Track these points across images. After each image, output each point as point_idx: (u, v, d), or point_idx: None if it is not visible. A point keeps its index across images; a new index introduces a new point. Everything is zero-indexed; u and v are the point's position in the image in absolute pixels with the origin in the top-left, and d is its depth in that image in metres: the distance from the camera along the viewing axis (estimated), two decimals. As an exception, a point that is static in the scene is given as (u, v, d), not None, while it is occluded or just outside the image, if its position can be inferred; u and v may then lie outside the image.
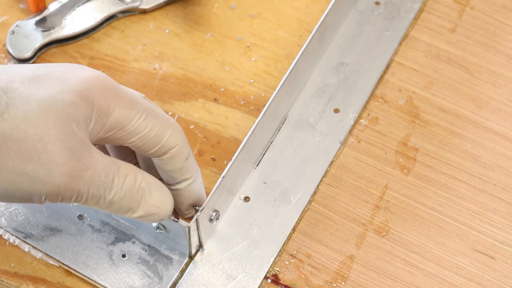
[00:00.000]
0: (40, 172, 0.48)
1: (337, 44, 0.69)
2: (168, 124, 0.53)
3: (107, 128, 0.50)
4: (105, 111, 0.50)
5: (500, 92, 0.68)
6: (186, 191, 0.55)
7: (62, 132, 0.48)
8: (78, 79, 0.49)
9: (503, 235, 0.61)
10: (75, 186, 0.49)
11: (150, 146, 0.52)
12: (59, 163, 0.48)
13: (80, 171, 0.48)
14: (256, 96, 0.67)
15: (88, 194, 0.49)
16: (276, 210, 0.61)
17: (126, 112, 0.50)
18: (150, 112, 0.52)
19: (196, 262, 0.59)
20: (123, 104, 0.50)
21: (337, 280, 0.59)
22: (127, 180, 0.51)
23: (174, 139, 0.53)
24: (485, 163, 0.64)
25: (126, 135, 0.51)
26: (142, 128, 0.51)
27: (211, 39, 0.70)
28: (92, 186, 0.49)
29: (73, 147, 0.48)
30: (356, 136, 0.65)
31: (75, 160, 0.48)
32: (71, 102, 0.48)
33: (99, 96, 0.49)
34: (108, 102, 0.50)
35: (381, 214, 0.62)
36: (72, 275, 0.59)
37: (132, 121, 0.51)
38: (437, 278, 0.59)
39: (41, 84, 0.48)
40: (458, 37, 0.71)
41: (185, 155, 0.54)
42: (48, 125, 0.47)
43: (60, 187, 0.48)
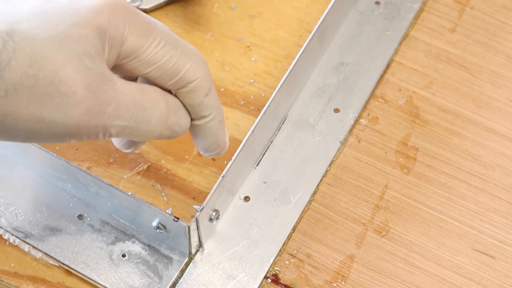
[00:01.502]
0: (57, 116, 0.45)
1: (337, 44, 0.69)
2: (188, 55, 0.50)
3: (122, 56, 0.48)
4: (118, 39, 0.47)
5: (500, 92, 0.68)
6: (204, 128, 0.52)
7: (74, 70, 0.45)
8: (87, 9, 0.46)
9: (503, 234, 0.61)
10: (98, 122, 0.46)
11: (168, 77, 0.49)
12: (74, 103, 0.45)
13: (101, 106, 0.46)
14: (256, 96, 0.67)
15: (117, 128, 0.47)
16: (276, 210, 0.61)
17: (140, 40, 0.48)
18: (169, 41, 0.49)
19: (196, 262, 0.59)
20: (137, 31, 0.48)
21: (337, 280, 0.59)
22: (158, 107, 0.49)
23: (194, 72, 0.50)
24: (485, 163, 0.64)
25: (142, 64, 0.48)
26: (159, 57, 0.48)
27: (211, 39, 0.70)
28: (118, 119, 0.47)
29: (89, 84, 0.46)
30: (356, 136, 0.65)
31: (93, 96, 0.46)
32: (80, 36, 0.46)
33: (110, 24, 0.46)
34: (120, 29, 0.47)
35: (381, 213, 0.62)
36: (72, 275, 0.59)
37: (147, 50, 0.48)
38: (437, 278, 0.59)
39: (48, 20, 0.45)
40: (458, 37, 0.71)
41: (205, 90, 0.51)
42: (57, 66, 0.45)
43: (81, 127, 0.46)
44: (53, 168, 0.60)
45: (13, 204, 0.61)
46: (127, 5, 0.48)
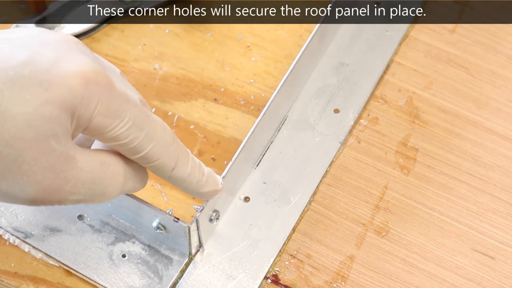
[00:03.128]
0: (14, 190, 0.46)
1: (337, 44, 0.69)
2: (153, 136, 0.50)
3: (87, 131, 0.48)
4: (85, 119, 0.47)
5: (500, 92, 0.68)
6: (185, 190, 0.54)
7: (39, 152, 0.46)
8: (63, 85, 0.46)
9: (503, 235, 0.61)
10: (54, 198, 0.48)
11: (130, 154, 0.50)
12: (34, 182, 0.46)
13: (59, 186, 0.47)
14: (256, 96, 0.67)
15: (73, 201, 0.49)
16: (276, 210, 0.61)
17: (107, 121, 0.48)
18: (137, 122, 0.49)
19: (196, 262, 0.59)
20: (106, 112, 0.48)
21: (337, 280, 0.59)
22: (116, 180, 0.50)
23: (155, 153, 0.50)
24: (485, 163, 0.64)
25: (106, 139, 0.49)
26: (122, 137, 0.49)
27: (211, 39, 0.70)
28: (74, 194, 0.48)
29: (50, 166, 0.46)
30: (356, 136, 0.65)
31: (53, 177, 0.47)
32: (51, 116, 0.45)
33: (82, 103, 0.46)
34: (90, 110, 0.47)
35: (381, 214, 0.62)
36: (72, 275, 0.59)
37: (112, 130, 0.48)
38: (437, 278, 0.59)
39: (22, 92, 0.45)
40: (458, 37, 0.71)
41: (170, 166, 0.52)
42: (23, 146, 0.45)
43: (36, 201, 0.47)
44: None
45: (13, 204, 0.61)
46: (104, 81, 0.47)
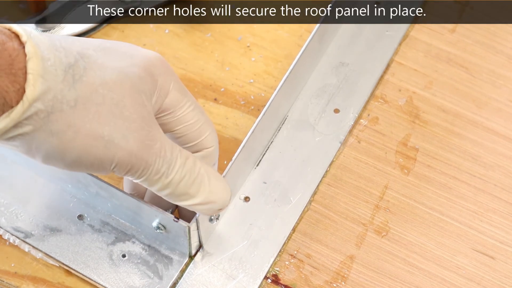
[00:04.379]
0: (116, 137, 0.48)
1: (337, 44, 0.69)
2: (210, 123, 0.54)
3: (162, 108, 0.52)
4: (165, 90, 0.51)
5: (500, 92, 0.68)
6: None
7: (136, 101, 0.49)
8: (143, 56, 0.50)
9: (503, 235, 0.61)
10: (145, 155, 0.49)
11: (191, 138, 0.53)
12: (133, 129, 0.48)
13: (152, 141, 0.49)
14: (256, 96, 0.67)
15: (154, 167, 0.50)
16: (276, 210, 0.61)
17: (180, 96, 0.52)
18: (198, 106, 0.53)
19: (196, 262, 0.59)
20: (178, 88, 0.52)
21: (337, 280, 0.59)
22: (188, 162, 0.51)
23: (212, 139, 0.54)
24: (485, 163, 0.64)
25: (175, 120, 0.52)
26: (189, 117, 0.53)
27: (211, 39, 0.70)
28: (159, 159, 0.50)
29: (145, 117, 0.49)
30: (356, 136, 0.65)
31: (147, 129, 0.49)
32: (140, 75, 0.49)
33: (161, 75, 0.50)
34: (167, 82, 0.51)
35: (381, 214, 0.62)
36: (72, 275, 0.59)
37: (182, 108, 0.52)
38: (437, 278, 0.59)
39: (111, 55, 0.49)
40: (458, 37, 0.71)
41: (215, 159, 0.56)
42: (124, 92, 0.48)
43: (132, 154, 0.48)
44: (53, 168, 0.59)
45: (13, 204, 0.61)
46: (169, 64, 0.52)
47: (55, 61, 0.46)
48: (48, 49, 0.46)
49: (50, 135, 0.47)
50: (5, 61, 0.45)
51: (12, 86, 0.45)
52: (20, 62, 0.45)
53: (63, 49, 0.47)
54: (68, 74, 0.47)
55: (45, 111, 0.46)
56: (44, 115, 0.46)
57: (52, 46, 0.47)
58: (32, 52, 0.46)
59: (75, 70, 0.47)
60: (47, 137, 0.47)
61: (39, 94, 0.45)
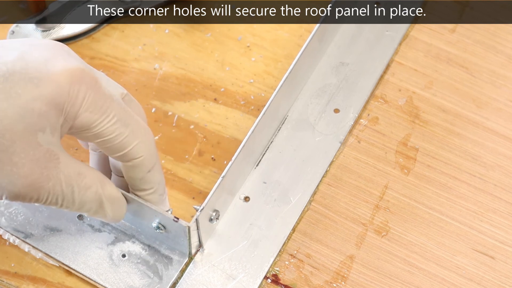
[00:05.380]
0: (2, 181, 0.48)
1: (337, 44, 0.69)
2: (137, 133, 0.53)
3: (74, 128, 0.51)
4: (72, 115, 0.50)
5: (500, 92, 0.68)
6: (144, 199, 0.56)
7: (28, 145, 0.48)
8: (50, 82, 0.48)
9: (503, 235, 0.61)
10: (34, 194, 0.50)
11: (114, 151, 0.53)
12: (22, 175, 0.48)
13: (42, 183, 0.49)
14: (256, 96, 0.67)
15: (47, 200, 0.50)
16: (276, 210, 0.61)
17: (93, 116, 0.50)
18: (122, 118, 0.52)
19: (196, 262, 0.59)
20: (92, 107, 0.50)
21: (337, 280, 0.59)
22: (88, 192, 0.52)
23: (139, 150, 0.53)
24: (485, 163, 0.64)
25: (92, 135, 0.51)
26: (108, 133, 0.51)
27: (211, 39, 0.70)
28: (51, 194, 0.50)
29: (37, 160, 0.48)
30: (356, 136, 0.65)
31: (38, 172, 0.49)
32: (40, 112, 0.48)
33: (69, 100, 0.49)
34: (77, 106, 0.49)
35: (381, 214, 0.62)
36: (72, 275, 0.59)
37: (98, 125, 0.51)
38: (437, 278, 0.59)
39: (13, 88, 0.47)
40: (458, 37, 0.71)
41: (148, 167, 0.54)
42: (14, 137, 0.47)
43: (19, 195, 0.49)
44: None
45: (13, 204, 0.61)
46: (89, 79, 0.50)
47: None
48: None
49: None
50: None
51: None
52: None
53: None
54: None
55: None
56: None
57: None
58: None
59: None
60: None
61: None
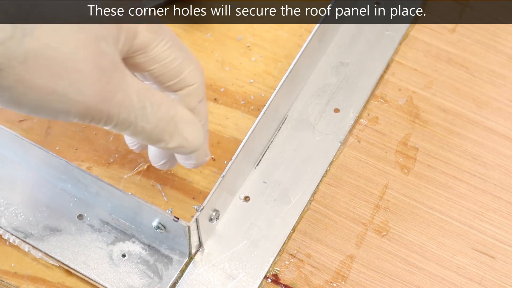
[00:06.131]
0: (70, 91, 0.46)
1: (337, 44, 0.69)
2: (191, 59, 0.52)
3: (133, 49, 0.49)
4: (132, 32, 0.49)
5: (500, 92, 0.68)
6: None
7: (93, 51, 0.46)
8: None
9: (503, 234, 0.61)
10: (104, 107, 0.47)
11: (169, 77, 0.51)
12: (89, 83, 0.46)
13: (111, 92, 0.47)
14: (256, 96, 0.67)
15: (119, 117, 0.48)
16: (276, 210, 0.61)
17: (151, 36, 0.50)
18: (176, 43, 0.51)
19: (196, 262, 0.59)
20: (149, 27, 0.49)
21: (337, 280, 0.59)
22: (161, 109, 0.50)
23: (194, 76, 0.52)
24: (485, 163, 0.64)
25: (148, 60, 0.50)
26: (165, 56, 0.50)
27: (211, 39, 0.70)
28: (122, 109, 0.48)
29: (103, 67, 0.47)
30: (356, 136, 0.65)
31: (105, 80, 0.47)
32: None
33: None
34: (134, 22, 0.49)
35: (381, 213, 0.62)
36: (72, 275, 0.59)
37: (156, 47, 0.50)
38: (437, 278, 0.59)
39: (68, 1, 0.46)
40: (458, 37, 0.71)
41: (200, 96, 0.53)
42: (78, 44, 0.46)
43: (89, 107, 0.47)
44: (53, 168, 0.60)
45: (13, 204, 0.61)
46: (141, 2, 0.49)
47: (2, 15, 0.44)
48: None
49: (1, 89, 0.45)
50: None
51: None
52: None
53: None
54: (18, 29, 0.44)
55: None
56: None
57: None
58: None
59: (25, 24, 0.44)
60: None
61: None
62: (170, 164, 0.58)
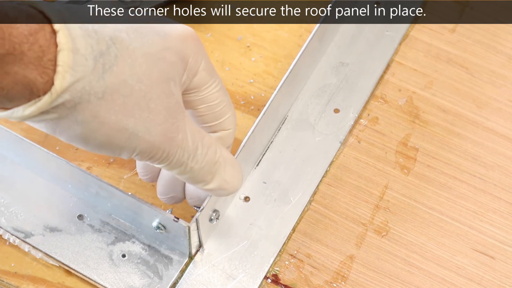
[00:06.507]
0: (140, 129, 0.47)
1: (337, 44, 0.69)
2: (231, 105, 0.54)
3: (190, 87, 0.51)
4: (194, 70, 0.50)
5: (500, 92, 0.68)
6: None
7: (163, 91, 0.47)
8: (176, 36, 0.49)
9: (503, 235, 0.61)
10: (167, 147, 0.48)
11: (211, 118, 0.53)
12: (158, 122, 0.47)
13: (174, 133, 0.48)
14: (256, 96, 0.67)
15: (175, 157, 0.49)
16: (276, 210, 0.61)
17: (207, 76, 0.51)
18: (223, 88, 0.53)
19: (196, 262, 0.59)
20: (207, 67, 0.51)
21: (337, 280, 0.59)
22: (209, 152, 0.51)
23: (232, 122, 0.54)
24: (485, 163, 0.64)
25: (199, 99, 0.52)
26: (214, 98, 0.52)
27: (211, 39, 0.70)
28: (180, 149, 0.49)
29: (170, 108, 0.48)
30: (356, 136, 0.65)
31: (171, 121, 0.48)
32: (171, 60, 0.48)
33: (192, 55, 0.49)
34: (197, 63, 0.50)
35: (381, 214, 0.62)
36: (72, 275, 0.59)
37: (208, 88, 0.51)
38: (437, 278, 0.59)
39: (144, 38, 0.47)
40: (458, 37, 0.71)
41: (230, 142, 0.55)
42: (152, 83, 0.47)
43: (154, 146, 0.48)
44: (53, 168, 0.60)
45: (13, 204, 0.61)
46: (201, 42, 0.51)
47: (86, 49, 0.45)
48: (80, 37, 0.45)
49: (75, 123, 0.46)
50: (35, 53, 0.43)
51: (41, 77, 0.44)
52: (50, 53, 0.44)
53: (95, 34, 0.45)
54: (99, 63, 0.45)
55: (72, 101, 0.45)
56: (71, 105, 0.45)
57: (85, 32, 0.45)
58: (63, 43, 0.44)
59: (105, 58, 0.45)
60: (71, 125, 0.46)
61: (68, 86, 0.44)
62: (177, 199, 0.59)
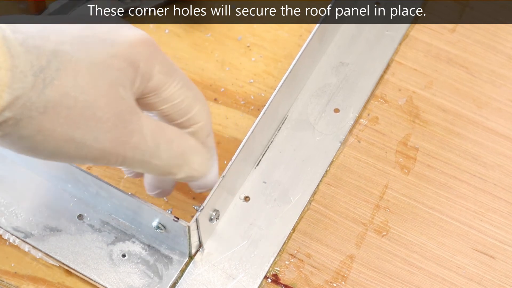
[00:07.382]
0: (88, 139, 0.47)
1: (337, 44, 0.69)
2: (198, 98, 0.53)
3: (146, 91, 0.50)
4: (147, 75, 0.49)
5: (500, 92, 0.68)
6: None
7: (110, 99, 0.47)
8: (125, 42, 0.48)
9: (503, 234, 0.61)
10: (121, 151, 0.48)
11: (178, 116, 0.52)
12: (107, 129, 0.47)
13: (127, 137, 0.48)
14: (256, 96, 0.67)
15: (133, 159, 0.49)
16: (276, 210, 0.61)
17: (164, 78, 0.51)
18: (186, 83, 0.52)
19: (196, 262, 0.59)
20: (163, 69, 0.50)
21: (337, 280, 0.59)
22: (174, 146, 0.51)
23: (201, 115, 0.53)
24: (485, 163, 0.64)
25: (160, 101, 0.51)
26: (175, 97, 0.51)
27: (211, 39, 0.70)
28: (137, 151, 0.49)
29: (120, 113, 0.48)
30: (356, 136, 0.65)
31: (122, 126, 0.48)
32: (119, 67, 0.48)
33: (143, 60, 0.49)
34: (150, 67, 0.50)
35: (381, 213, 0.62)
36: (72, 275, 0.59)
37: (168, 88, 0.51)
38: (437, 278, 0.59)
39: (89, 47, 0.47)
40: (458, 37, 0.71)
41: (207, 133, 0.54)
42: (97, 92, 0.47)
43: (106, 152, 0.48)
44: (53, 168, 0.60)
45: (13, 204, 0.61)
46: (156, 44, 0.50)
47: (25, 66, 0.44)
48: (19, 54, 0.44)
49: (20, 138, 0.46)
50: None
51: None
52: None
53: (36, 49, 0.45)
54: (39, 79, 0.45)
55: (13, 118, 0.45)
56: (13, 122, 0.45)
57: (25, 49, 0.44)
58: (1, 61, 0.43)
59: (46, 73, 0.45)
60: (17, 140, 0.46)
61: (6, 104, 0.44)
62: (165, 193, 0.59)
